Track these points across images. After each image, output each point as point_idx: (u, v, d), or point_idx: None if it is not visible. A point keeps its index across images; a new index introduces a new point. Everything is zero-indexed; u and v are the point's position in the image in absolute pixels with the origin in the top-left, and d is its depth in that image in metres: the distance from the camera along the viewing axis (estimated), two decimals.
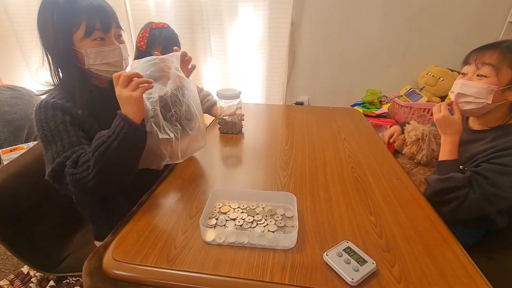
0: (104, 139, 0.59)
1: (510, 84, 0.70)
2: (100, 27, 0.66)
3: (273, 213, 0.63)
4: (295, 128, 1.17)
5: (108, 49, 0.68)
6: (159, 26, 1.13)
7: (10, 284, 0.94)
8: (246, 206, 0.65)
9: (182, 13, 1.92)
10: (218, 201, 0.67)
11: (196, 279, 0.48)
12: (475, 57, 0.74)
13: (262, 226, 0.59)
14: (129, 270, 0.49)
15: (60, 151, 0.61)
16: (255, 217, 0.61)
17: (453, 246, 0.55)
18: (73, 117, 0.66)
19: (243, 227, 0.59)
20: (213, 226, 0.59)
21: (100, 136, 0.60)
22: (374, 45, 2.00)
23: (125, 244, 0.54)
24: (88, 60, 0.67)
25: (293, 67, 2.14)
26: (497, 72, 0.70)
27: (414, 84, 2.03)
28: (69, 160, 0.59)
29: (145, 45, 1.12)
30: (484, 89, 0.72)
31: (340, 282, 0.47)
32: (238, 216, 0.62)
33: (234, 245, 0.54)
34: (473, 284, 0.47)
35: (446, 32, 1.88)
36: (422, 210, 0.66)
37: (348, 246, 0.52)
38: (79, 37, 0.65)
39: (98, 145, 0.58)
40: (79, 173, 0.58)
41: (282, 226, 0.60)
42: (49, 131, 0.63)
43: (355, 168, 0.85)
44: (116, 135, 0.59)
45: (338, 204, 0.67)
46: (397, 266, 0.50)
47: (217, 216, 0.62)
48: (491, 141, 0.74)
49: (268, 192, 0.70)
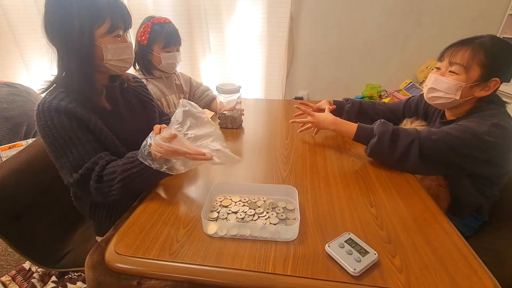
0: (132, 166, 0.63)
1: (478, 82, 0.73)
2: (122, 25, 0.68)
3: (274, 206, 0.63)
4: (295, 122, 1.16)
5: (124, 46, 0.70)
6: (161, 21, 1.12)
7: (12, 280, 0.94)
8: (247, 199, 0.65)
9: (180, 8, 1.91)
10: (220, 194, 0.67)
11: (199, 271, 0.48)
12: (449, 53, 0.77)
13: (264, 219, 0.59)
14: (131, 263, 0.49)
15: (79, 160, 0.64)
16: (256, 210, 0.61)
17: (453, 237, 0.55)
18: (78, 119, 0.65)
19: (244, 220, 0.59)
20: (215, 219, 0.59)
21: (129, 162, 0.63)
22: (373, 39, 1.99)
23: (126, 238, 0.54)
24: (107, 55, 0.68)
25: (292, 62, 2.13)
26: (466, 71, 0.74)
27: (413, 78, 2.03)
28: (94, 174, 0.63)
29: (146, 40, 1.11)
30: (453, 85, 0.75)
31: (342, 272, 0.47)
32: (240, 209, 0.62)
33: (236, 238, 0.54)
34: (474, 273, 0.47)
35: (446, 25, 1.88)
36: (422, 202, 0.66)
37: (350, 237, 0.53)
38: (101, 32, 0.65)
39: (126, 169, 0.62)
40: (104, 187, 0.64)
41: (284, 218, 0.60)
42: (59, 139, 0.63)
43: (355, 161, 0.85)
44: (141, 169, 0.63)
45: (339, 197, 0.67)
46: (398, 256, 0.50)
47: (218, 209, 0.62)
48: None
49: (269, 185, 0.70)
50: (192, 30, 1.97)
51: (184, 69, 2.02)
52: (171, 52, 1.15)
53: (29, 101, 1.54)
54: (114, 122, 0.74)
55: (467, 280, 0.46)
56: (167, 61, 1.15)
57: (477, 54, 0.72)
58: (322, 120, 0.92)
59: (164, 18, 1.15)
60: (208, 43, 2.01)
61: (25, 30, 2.01)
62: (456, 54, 0.75)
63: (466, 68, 0.73)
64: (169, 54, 1.14)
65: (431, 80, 0.81)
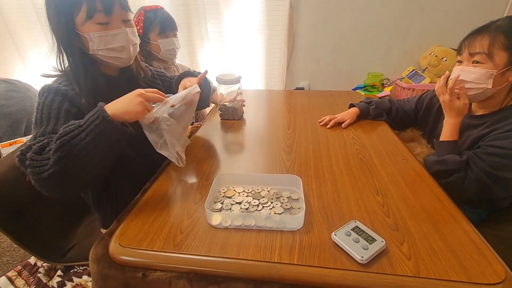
0: (73, 128, 0.52)
1: (508, 66, 0.69)
2: (101, 9, 0.62)
3: (278, 196, 0.62)
4: (296, 112, 1.15)
5: (113, 33, 0.65)
6: (153, 8, 1.11)
7: (18, 275, 0.95)
8: (251, 190, 0.64)
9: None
10: (223, 186, 0.66)
11: (204, 262, 0.47)
12: (467, 44, 0.74)
13: (268, 209, 0.58)
14: (136, 255, 0.49)
15: (39, 135, 0.57)
16: (260, 200, 0.61)
17: (462, 223, 0.54)
18: (72, 105, 0.64)
19: (249, 210, 0.58)
20: (219, 210, 0.59)
21: (70, 124, 0.53)
22: (374, 27, 1.95)
23: (130, 231, 0.53)
24: (93, 45, 0.64)
25: (292, 51, 2.09)
26: (490, 58, 0.70)
27: (416, 66, 1.99)
28: (37, 144, 0.53)
29: (141, 29, 1.09)
30: (482, 74, 0.71)
31: (350, 260, 0.46)
32: (244, 199, 0.61)
33: (241, 228, 0.53)
34: (484, 259, 0.46)
35: (449, 10, 1.83)
36: (429, 189, 0.65)
37: (356, 225, 0.52)
38: (81, 20, 0.62)
39: (65, 133, 0.51)
40: (38, 160, 0.51)
41: (289, 208, 0.59)
42: (42, 114, 0.61)
43: (359, 149, 0.83)
44: (87, 126, 0.52)
45: (344, 186, 0.66)
46: (406, 243, 0.49)
47: (222, 200, 0.61)
48: (491, 125, 0.75)
49: (272, 175, 0.69)
50: (189, 19, 1.93)
51: (182, 60, 1.99)
52: (168, 38, 1.13)
53: (27, 97, 1.52)
54: None
55: (477, 266, 0.45)
56: (166, 47, 1.13)
57: (496, 38, 0.69)
58: (455, 107, 0.75)
59: (156, 5, 1.13)
60: (206, 32, 1.97)
61: (21, 26, 1.98)
62: (473, 44, 0.72)
63: (489, 55, 0.70)
64: (167, 40, 1.12)
65: (456, 73, 0.76)
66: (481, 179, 0.69)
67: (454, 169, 0.71)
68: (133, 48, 0.71)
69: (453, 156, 0.72)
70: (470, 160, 0.71)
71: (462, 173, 0.70)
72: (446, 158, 0.73)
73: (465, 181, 0.70)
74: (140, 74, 0.79)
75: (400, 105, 1.04)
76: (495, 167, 0.68)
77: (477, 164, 0.70)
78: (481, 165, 0.69)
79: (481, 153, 0.71)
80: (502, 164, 0.68)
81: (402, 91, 1.84)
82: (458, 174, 0.71)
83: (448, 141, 0.76)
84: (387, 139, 0.91)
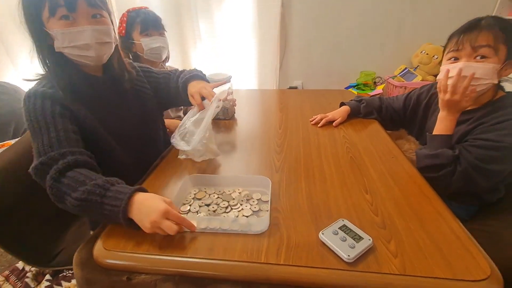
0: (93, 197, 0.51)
1: (506, 60, 0.69)
2: (62, 4, 0.59)
3: (249, 198, 0.62)
4: (288, 112, 1.15)
5: (76, 31, 0.62)
6: (136, 9, 1.10)
7: (6, 280, 0.93)
8: (223, 191, 0.64)
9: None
10: (195, 187, 0.66)
11: (190, 264, 0.47)
12: (467, 40, 0.70)
13: (237, 211, 0.58)
14: (121, 258, 0.48)
15: (46, 147, 0.57)
16: (230, 202, 0.60)
17: (448, 220, 0.55)
18: (63, 107, 0.63)
19: (217, 212, 0.58)
20: (186, 212, 0.58)
21: (100, 189, 0.52)
22: (366, 25, 1.96)
23: (116, 234, 0.52)
24: (57, 42, 0.62)
25: (285, 51, 2.09)
26: (496, 52, 0.68)
27: (408, 64, 2.01)
28: (54, 168, 0.55)
29: (124, 30, 1.08)
30: (490, 68, 0.68)
31: (336, 259, 0.46)
32: (213, 201, 0.61)
33: (213, 232, 0.52)
34: (469, 254, 0.47)
35: (440, 8, 1.84)
36: (417, 187, 0.65)
37: (344, 224, 0.52)
38: (45, 16, 0.61)
39: (92, 193, 0.51)
40: (60, 191, 0.54)
41: (257, 210, 0.58)
42: (37, 122, 0.60)
43: (349, 148, 0.83)
44: (102, 204, 0.51)
45: (333, 185, 0.66)
46: (393, 241, 0.49)
47: (191, 202, 0.61)
48: (478, 119, 0.75)
49: (244, 176, 0.70)
50: (181, 18, 1.92)
51: (175, 60, 1.98)
52: (152, 36, 1.11)
53: (16, 99, 1.49)
54: (103, 114, 0.71)
55: (461, 261, 0.45)
56: (149, 46, 1.11)
57: (497, 33, 0.68)
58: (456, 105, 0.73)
59: (141, 6, 1.13)
60: (199, 32, 1.96)
61: (10, 27, 1.94)
62: (478, 38, 0.69)
63: (495, 49, 0.68)
64: (150, 39, 1.10)
65: (456, 69, 0.70)
66: (467, 171, 0.69)
67: (445, 163, 0.71)
68: (103, 47, 0.66)
69: (446, 151, 0.72)
70: (460, 154, 0.71)
71: (452, 167, 0.71)
72: (439, 152, 0.72)
73: (454, 175, 0.70)
74: (123, 75, 0.77)
75: (389, 103, 1.04)
76: (482, 159, 0.68)
77: (465, 157, 0.70)
78: (468, 158, 0.69)
79: (469, 146, 0.71)
80: (488, 156, 0.68)
81: (394, 89, 1.86)
82: (449, 168, 0.71)
83: (442, 135, 0.75)
84: (377, 137, 0.91)
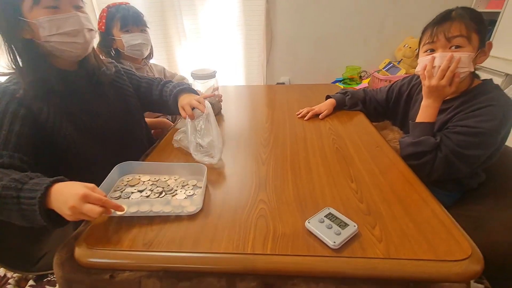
0: (8, 192, 0.47)
1: (480, 48, 0.72)
2: None
3: (184, 184, 0.62)
4: (275, 106, 1.15)
5: (64, 17, 0.61)
6: (116, 4, 1.07)
7: None
8: (158, 178, 0.64)
9: None
10: (128, 175, 0.65)
11: (175, 258, 0.46)
12: (441, 31, 0.72)
13: (171, 196, 0.58)
14: (102, 256, 0.46)
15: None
16: (165, 188, 0.60)
17: (431, 205, 0.56)
18: (30, 111, 0.60)
19: (150, 197, 0.58)
20: (117, 198, 0.58)
21: (10, 182, 0.48)
22: (350, 21, 1.98)
23: (97, 232, 0.51)
24: (44, 31, 0.60)
25: (271, 47, 2.09)
26: (469, 41, 0.71)
27: (392, 58, 2.04)
28: None
29: (104, 25, 1.05)
30: (466, 57, 0.71)
31: (322, 246, 0.46)
32: (147, 187, 0.61)
33: (150, 215, 0.53)
34: (452, 238, 0.48)
35: (420, 3, 1.88)
36: (401, 174, 0.66)
37: (330, 212, 0.52)
38: (28, 6, 0.58)
39: (1, 187, 0.47)
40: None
41: (192, 195, 0.59)
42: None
43: (335, 139, 0.84)
44: (18, 198, 0.47)
45: (319, 175, 0.66)
46: (378, 227, 0.50)
47: (123, 189, 0.60)
48: (456, 108, 0.77)
49: (180, 164, 0.70)
50: (164, 15, 1.88)
51: (160, 58, 1.94)
52: (132, 33, 1.08)
53: None
54: (76, 110, 0.69)
55: (445, 244, 0.46)
56: (130, 43, 1.08)
57: (468, 22, 0.70)
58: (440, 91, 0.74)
59: (121, 1, 1.09)
60: (183, 29, 1.93)
61: None
62: (451, 29, 0.71)
63: (468, 38, 0.70)
64: (130, 35, 1.08)
65: (436, 60, 0.72)
66: (448, 157, 0.71)
67: (427, 151, 0.73)
68: (89, 34, 0.66)
69: (428, 138, 0.73)
70: (441, 141, 0.73)
71: (433, 154, 0.73)
72: (422, 139, 0.74)
73: (435, 161, 0.72)
74: (100, 69, 0.75)
75: (373, 95, 1.06)
76: (461, 145, 0.70)
77: (445, 143, 0.72)
78: (449, 144, 0.71)
79: (448, 133, 0.73)
80: (468, 142, 0.70)
81: (379, 83, 1.89)
82: (430, 155, 0.73)
83: (424, 123, 0.77)
84: (363, 128, 0.92)
